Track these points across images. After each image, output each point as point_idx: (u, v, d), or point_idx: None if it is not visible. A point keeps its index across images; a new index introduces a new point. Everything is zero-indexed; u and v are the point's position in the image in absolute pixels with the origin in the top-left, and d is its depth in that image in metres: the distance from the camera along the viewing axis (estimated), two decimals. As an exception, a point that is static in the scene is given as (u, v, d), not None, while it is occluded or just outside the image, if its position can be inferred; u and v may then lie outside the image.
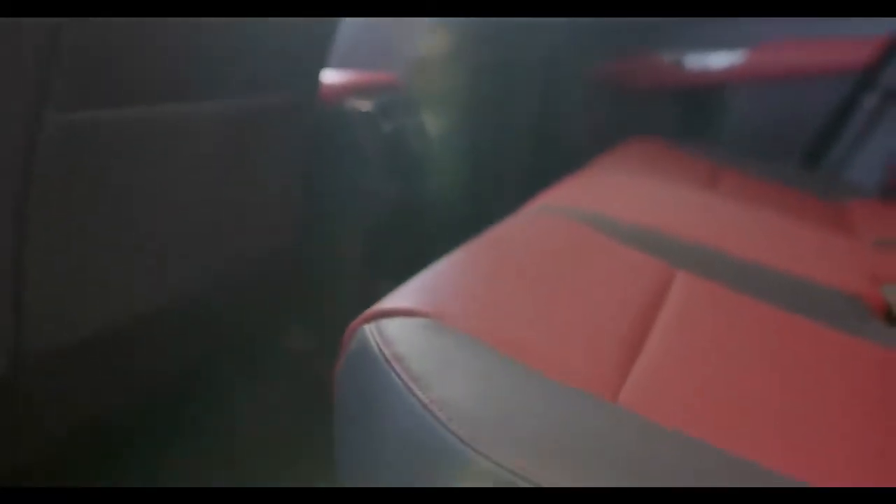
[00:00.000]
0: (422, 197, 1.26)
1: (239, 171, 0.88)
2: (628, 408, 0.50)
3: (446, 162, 1.35)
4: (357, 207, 1.15)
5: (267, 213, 0.98)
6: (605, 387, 0.52)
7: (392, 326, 0.54)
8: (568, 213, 0.88)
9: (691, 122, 1.82)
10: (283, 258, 1.06)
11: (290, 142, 0.98)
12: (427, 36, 1.31)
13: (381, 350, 0.51)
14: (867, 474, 0.49)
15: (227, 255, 0.92)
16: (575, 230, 0.82)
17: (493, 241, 0.75)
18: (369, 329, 0.54)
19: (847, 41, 1.63)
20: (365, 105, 1.13)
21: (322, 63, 0.99)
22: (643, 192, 1.06)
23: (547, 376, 0.50)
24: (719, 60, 1.74)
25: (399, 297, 0.59)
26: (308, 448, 0.99)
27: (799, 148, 1.68)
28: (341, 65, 1.20)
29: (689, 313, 0.67)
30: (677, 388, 0.54)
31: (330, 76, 1.12)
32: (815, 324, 0.72)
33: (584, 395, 0.49)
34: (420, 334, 0.53)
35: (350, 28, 1.22)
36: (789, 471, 0.47)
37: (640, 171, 1.24)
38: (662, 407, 0.51)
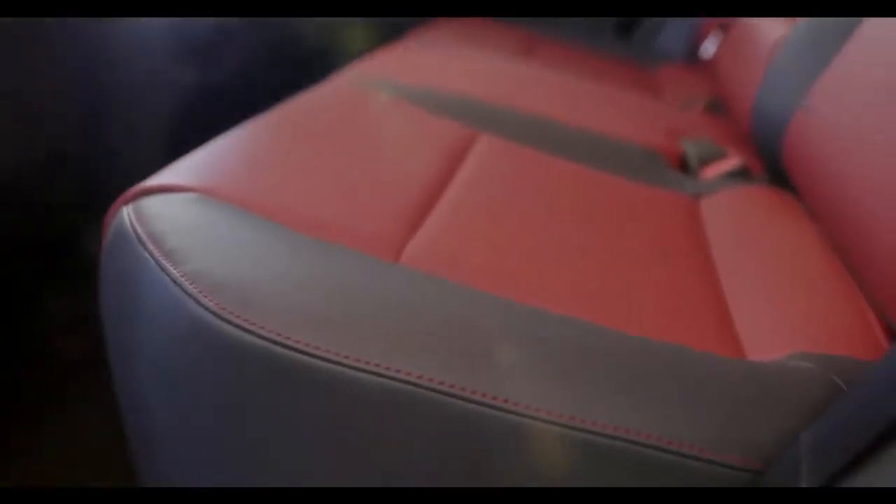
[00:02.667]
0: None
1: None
2: (409, 265, 0.48)
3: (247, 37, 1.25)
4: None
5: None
6: (386, 248, 0.49)
7: (152, 204, 0.48)
8: (371, 84, 0.83)
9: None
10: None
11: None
12: None
13: (135, 229, 0.45)
14: (667, 316, 0.50)
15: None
16: (376, 100, 0.78)
17: (282, 113, 0.69)
18: (126, 209, 0.48)
19: None
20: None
21: None
22: (454, 62, 1.02)
23: (322, 240, 0.47)
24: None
25: (165, 174, 0.53)
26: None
27: (611, 17, 1.69)
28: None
29: (487, 173, 0.66)
30: (463, 244, 0.52)
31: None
32: (613, 177, 0.72)
33: (356, 255, 0.46)
34: (181, 209, 0.47)
35: None
36: (578, 314, 0.47)
37: (454, 43, 1.20)
38: (444, 262, 0.49)
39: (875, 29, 0.65)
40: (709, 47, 1.31)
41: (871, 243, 0.53)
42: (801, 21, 0.82)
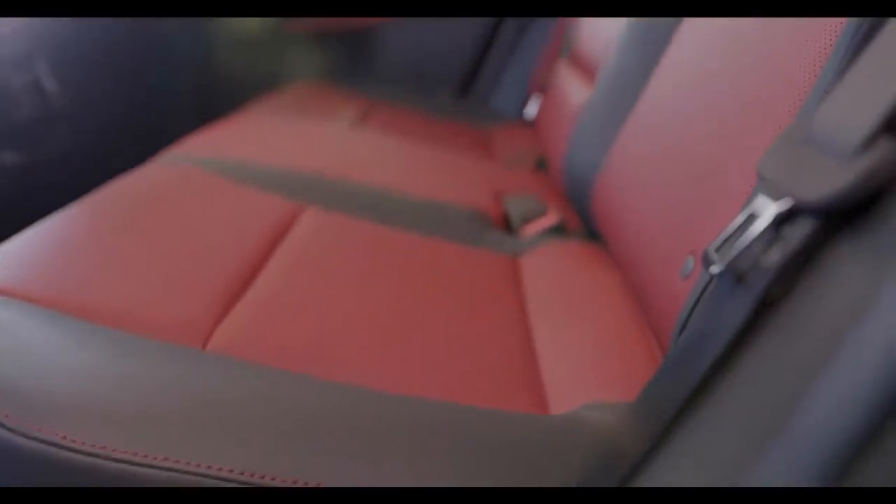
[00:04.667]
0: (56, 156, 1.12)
1: None
2: (216, 350, 0.48)
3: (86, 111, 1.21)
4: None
5: None
6: (193, 334, 0.49)
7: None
8: (194, 162, 0.83)
9: (353, 61, 1.83)
10: None
11: None
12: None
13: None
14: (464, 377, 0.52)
15: None
16: (197, 178, 0.77)
17: (97, 199, 0.68)
18: None
19: None
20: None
21: None
22: (285, 134, 1.04)
23: (124, 332, 0.46)
24: None
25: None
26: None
27: (451, 80, 1.77)
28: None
29: (308, 248, 0.67)
30: (274, 324, 0.53)
31: None
32: (436, 241, 0.75)
33: (156, 346, 0.45)
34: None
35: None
36: (390, 389, 0.48)
37: (290, 113, 1.21)
38: (250, 344, 0.49)
39: (658, 89, 0.73)
40: (531, 109, 1.39)
41: (650, 284, 0.58)
42: (599, 85, 0.89)
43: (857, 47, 0.36)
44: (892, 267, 0.24)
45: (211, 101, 1.60)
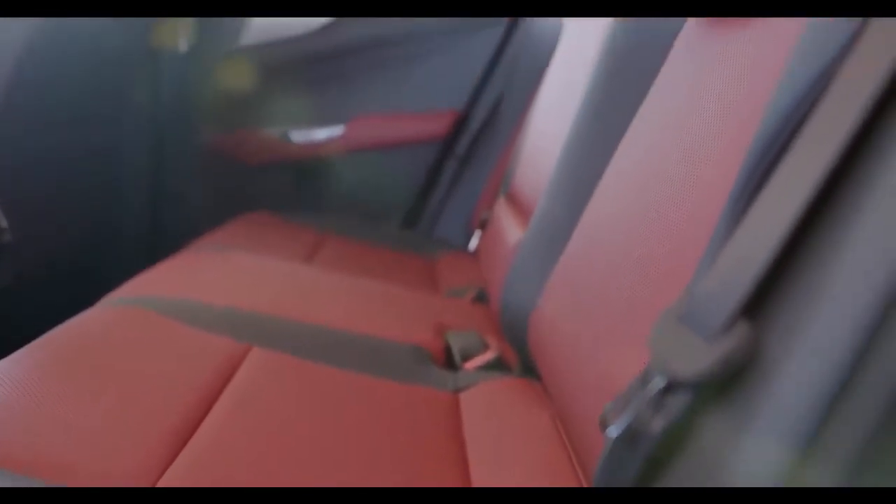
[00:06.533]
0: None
1: None
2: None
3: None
4: None
5: None
6: (140, 482, 0.50)
7: None
8: (144, 303, 0.85)
9: (303, 193, 1.90)
10: None
11: None
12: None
13: None
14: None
15: None
16: (145, 321, 0.79)
17: (39, 347, 0.69)
18: None
19: (428, 115, 1.85)
20: None
21: None
22: (234, 271, 1.07)
23: (69, 487, 0.47)
24: (321, 134, 1.85)
25: None
26: None
27: (398, 210, 1.84)
28: None
29: (252, 389, 0.69)
30: (222, 468, 0.54)
31: None
32: (378, 380, 0.78)
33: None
34: None
35: None
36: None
37: (240, 247, 1.25)
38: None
39: (583, 236, 0.79)
40: (473, 242, 1.46)
41: (578, 427, 0.61)
42: (532, 226, 0.95)
43: (734, 222, 0.42)
44: (745, 431, 0.28)
45: (161, 236, 1.63)
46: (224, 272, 1.06)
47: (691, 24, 0.72)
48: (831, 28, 0.40)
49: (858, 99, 0.30)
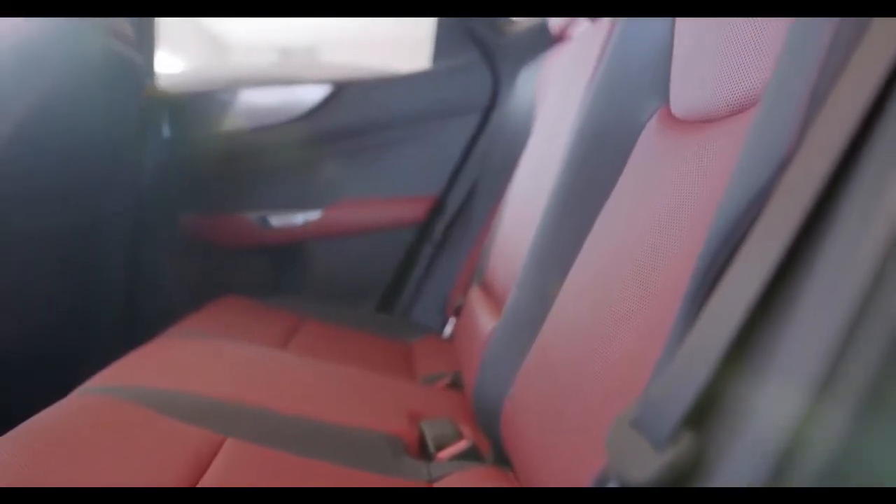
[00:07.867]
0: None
1: None
2: None
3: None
4: None
5: None
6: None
7: None
8: (118, 392, 0.85)
9: (281, 276, 1.91)
10: None
11: None
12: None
13: None
14: None
15: None
16: (119, 411, 0.80)
17: (14, 439, 0.69)
18: None
19: (406, 200, 1.89)
20: None
21: None
22: (209, 360, 1.07)
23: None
24: (299, 218, 1.88)
25: None
26: None
27: (375, 294, 1.86)
28: None
29: (227, 483, 0.69)
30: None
31: None
32: (352, 471, 0.78)
33: None
34: None
35: None
36: None
37: (216, 334, 1.25)
38: None
39: (552, 330, 0.81)
40: (447, 329, 1.48)
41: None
42: (504, 316, 0.98)
43: (689, 324, 0.44)
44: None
45: (138, 319, 1.64)
46: (200, 360, 1.06)
47: (656, 117, 0.76)
48: (774, 142, 0.44)
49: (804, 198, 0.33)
